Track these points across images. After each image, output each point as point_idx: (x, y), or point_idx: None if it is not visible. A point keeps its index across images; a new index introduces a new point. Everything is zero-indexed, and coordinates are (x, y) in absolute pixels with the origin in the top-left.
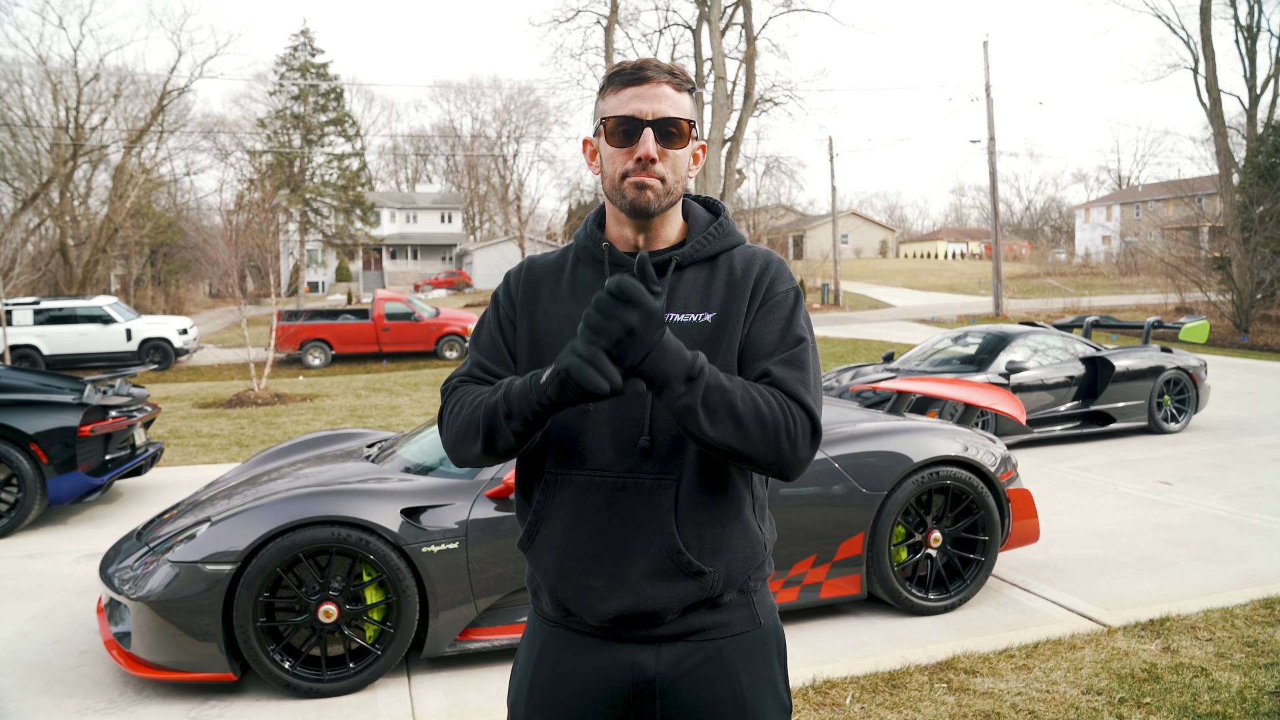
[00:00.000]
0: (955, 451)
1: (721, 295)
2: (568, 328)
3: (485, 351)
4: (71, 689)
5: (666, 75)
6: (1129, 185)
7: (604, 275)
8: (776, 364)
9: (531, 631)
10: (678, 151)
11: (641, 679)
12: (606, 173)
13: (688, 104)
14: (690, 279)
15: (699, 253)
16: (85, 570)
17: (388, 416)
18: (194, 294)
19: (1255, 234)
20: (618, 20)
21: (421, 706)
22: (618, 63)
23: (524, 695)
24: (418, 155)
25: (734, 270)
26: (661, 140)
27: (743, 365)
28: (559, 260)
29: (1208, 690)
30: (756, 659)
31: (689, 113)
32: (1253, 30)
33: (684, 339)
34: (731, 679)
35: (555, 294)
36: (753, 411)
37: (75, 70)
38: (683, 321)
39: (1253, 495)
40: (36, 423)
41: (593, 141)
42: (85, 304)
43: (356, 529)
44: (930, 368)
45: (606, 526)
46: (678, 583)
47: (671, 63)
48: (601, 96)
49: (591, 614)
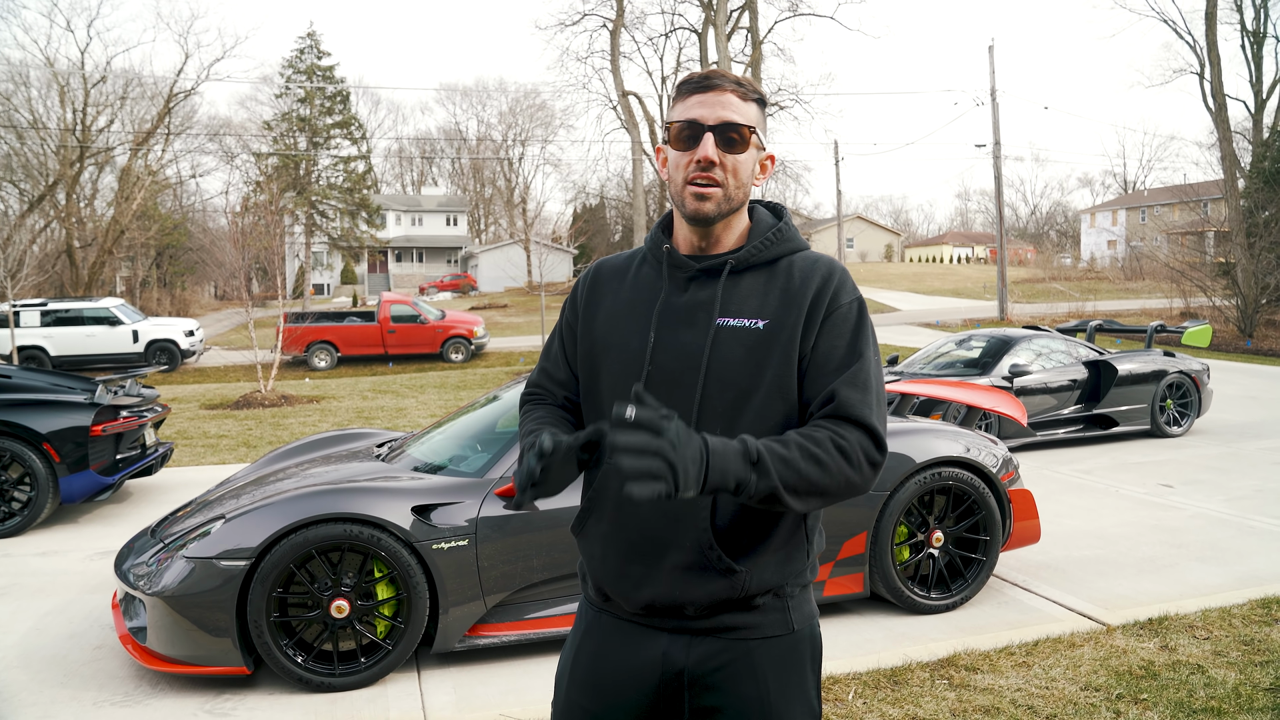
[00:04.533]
0: (957, 453)
1: (776, 302)
2: (622, 325)
3: (550, 359)
4: (88, 682)
5: (732, 84)
6: (1134, 190)
7: (662, 278)
8: (842, 384)
9: (580, 614)
10: (739, 156)
11: (671, 670)
12: (671, 177)
13: (753, 112)
14: (747, 284)
15: (756, 257)
16: (98, 568)
17: (394, 418)
18: (200, 296)
19: (1260, 239)
20: (624, 24)
21: (431, 701)
22: (688, 74)
23: (566, 674)
24: (423, 158)
25: (792, 278)
26: (722, 145)
27: (806, 379)
28: (626, 261)
29: (1204, 687)
30: (788, 664)
31: (753, 120)
32: (1259, 35)
33: (734, 343)
34: (759, 681)
35: (617, 295)
36: (816, 466)
37: (82, 72)
38: (735, 326)
39: (1253, 498)
40: (49, 422)
41: (664, 149)
42: (92, 306)
43: (368, 526)
44: (934, 371)
45: (648, 518)
46: (709, 578)
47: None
48: (671, 106)
49: (626, 600)
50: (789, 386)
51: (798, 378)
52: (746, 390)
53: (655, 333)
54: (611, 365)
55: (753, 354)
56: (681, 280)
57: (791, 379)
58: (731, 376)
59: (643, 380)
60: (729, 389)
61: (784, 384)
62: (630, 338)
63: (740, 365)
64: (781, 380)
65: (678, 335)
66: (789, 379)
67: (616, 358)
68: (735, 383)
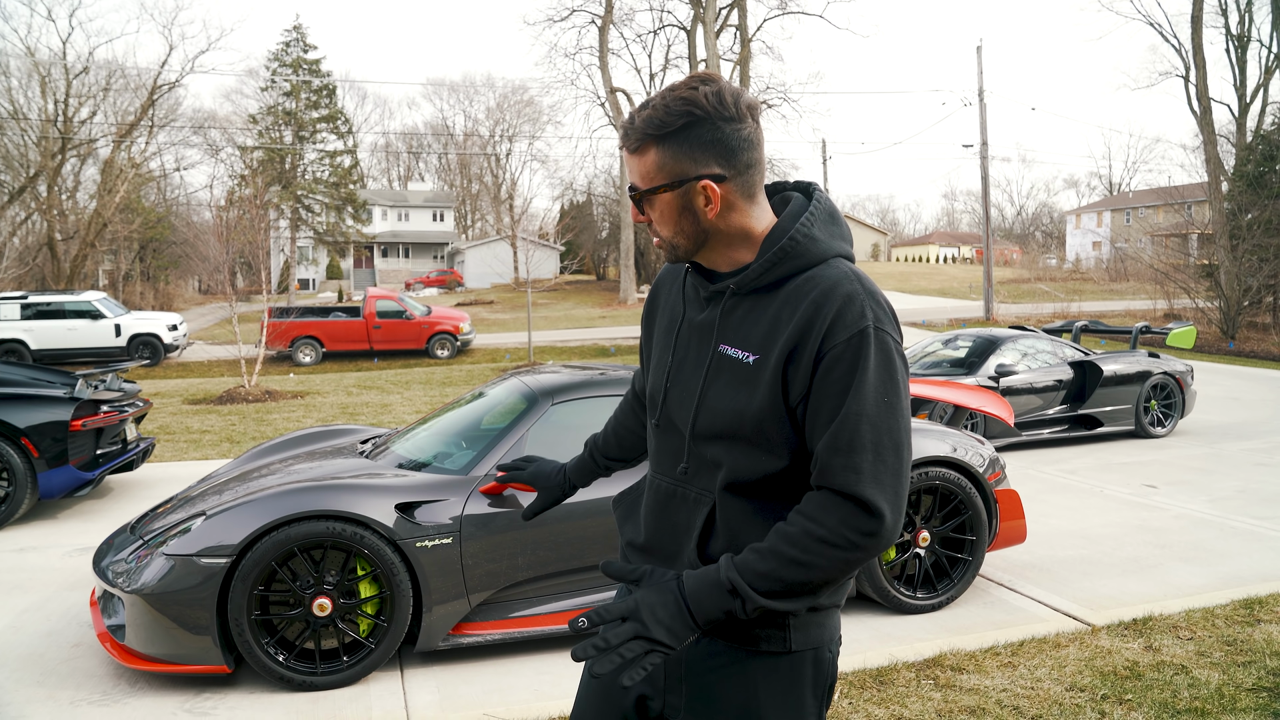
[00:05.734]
0: (944, 452)
1: (764, 335)
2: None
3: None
4: (65, 681)
5: (625, 133)
6: (1120, 192)
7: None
8: (824, 450)
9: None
10: (653, 212)
11: (672, 659)
12: None
13: (651, 162)
14: (745, 309)
15: (757, 282)
16: (77, 564)
17: (379, 414)
18: (183, 290)
19: (1243, 241)
20: (612, 20)
21: (415, 700)
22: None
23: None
24: (410, 153)
25: (786, 306)
26: (637, 207)
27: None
28: (678, 271)
29: (1188, 687)
30: (783, 683)
31: (649, 173)
32: (1243, 39)
33: (728, 374)
34: (749, 693)
35: (664, 308)
36: (799, 569)
37: (64, 63)
38: (730, 356)
39: (1236, 499)
40: (28, 417)
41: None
42: (74, 299)
43: (351, 524)
44: (921, 370)
45: (659, 526)
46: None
47: (641, 106)
48: None
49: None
50: (774, 430)
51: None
52: (733, 426)
53: (675, 354)
54: (649, 380)
55: (739, 391)
56: (701, 299)
57: (777, 422)
58: (721, 408)
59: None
60: (718, 419)
61: (766, 426)
62: (664, 355)
63: (728, 399)
64: (763, 422)
65: (690, 358)
66: (774, 422)
67: (652, 373)
68: (723, 415)
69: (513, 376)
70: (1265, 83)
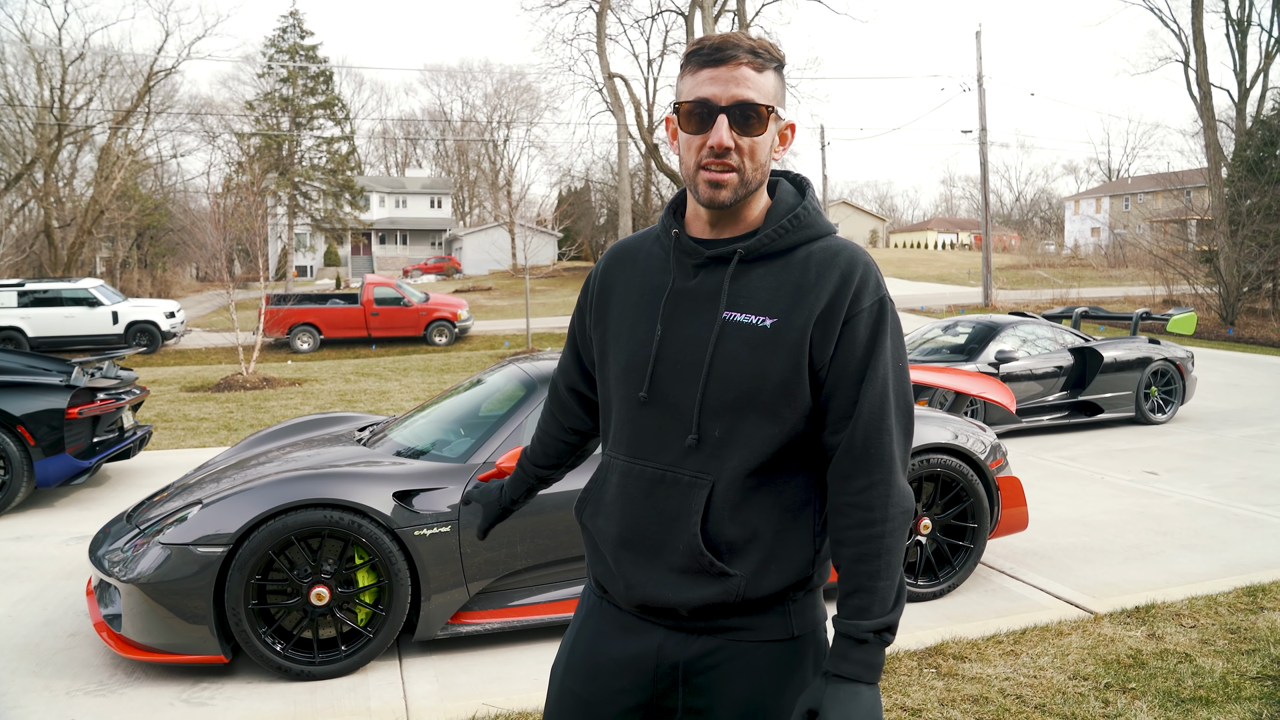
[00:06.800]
0: (945, 439)
1: (787, 299)
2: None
3: (565, 353)
4: (61, 670)
5: (747, 54)
6: (1119, 178)
7: (669, 263)
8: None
9: (583, 599)
10: (756, 139)
11: (666, 663)
12: (683, 159)
13: (770, 85)
14: (757, 275)
15: (769, 246)
16: (73, 553)
17: (377, 401)
18: (181, 277)
19: (1243, 227)
20: (610, 6)
21: (413, 689)
22: (697, 40)
23: (564, 660)
24: (407, 140)
25: (808, 272)
26: (738, 127)
27: (825, 390)
28: (639, 242)
29: (1191, 675)
30: (787, 670)
31: (770, 95)
32: (1243, 24)
33: (739, 341)
34: (754, 683)
35: (630, 281)
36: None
37: (60, 49)
38: (741, 322)
39: (1237, 485)
40: (24, 404)
41: (673, 121)
42: (71, 286)
43: (349, 512)
44: (920, 357)
45: (642, 516)
46: (702, 582)
47: (756, 38)
48: (680, 76)
49: (621, 597)
50: (796, 392)
51: (812, 382)
52: (750, 392)
53: (662, 324)
54: (619, 356)
55: (756, 354)
56: (690, 267)
57: (800, 384)
58: (735, 376)
59: (648, 375)
60: (731, 388)
61: (790, 389)
62: (638, 328)
63: (744, 365)
64: (788, 385)
65: (685, 327)
66: (797, 384)
67: (624, 348)
68: (738, 383)
69: (511, 363)
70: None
